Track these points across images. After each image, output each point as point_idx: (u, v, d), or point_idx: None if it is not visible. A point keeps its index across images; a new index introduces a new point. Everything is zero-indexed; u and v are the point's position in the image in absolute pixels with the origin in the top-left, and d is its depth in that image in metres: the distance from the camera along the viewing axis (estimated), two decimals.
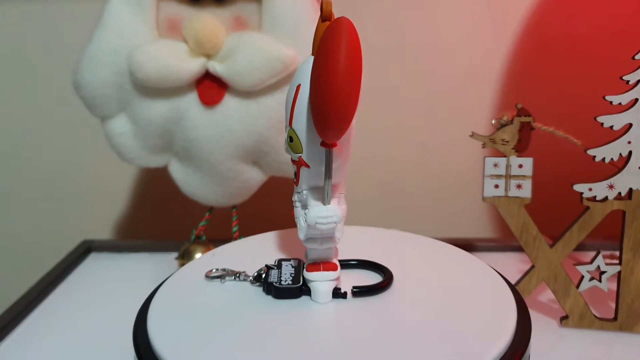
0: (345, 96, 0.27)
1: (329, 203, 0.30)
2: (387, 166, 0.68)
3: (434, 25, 0.65)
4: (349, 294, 0.33)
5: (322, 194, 0.30)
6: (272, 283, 0.33)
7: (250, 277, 0.35)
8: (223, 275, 0.36)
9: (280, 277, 0.34)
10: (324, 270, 0.32)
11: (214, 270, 0.36)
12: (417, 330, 0.30)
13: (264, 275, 0.34)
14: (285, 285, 0.33)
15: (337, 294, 0.33)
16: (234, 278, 0.35)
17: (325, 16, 0.29)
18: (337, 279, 0.33)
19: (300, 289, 0.33)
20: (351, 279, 0.34)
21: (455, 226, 0.69)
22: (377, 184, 0.68)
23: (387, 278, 0.34)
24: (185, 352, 0.29)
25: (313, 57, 0.29)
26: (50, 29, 0.66)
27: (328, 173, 0.30)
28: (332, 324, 0.31)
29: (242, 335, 0.30)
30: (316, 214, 0.30)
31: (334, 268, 0.32)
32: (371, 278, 0.35)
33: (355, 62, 0.27)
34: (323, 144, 0.29)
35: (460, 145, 0.65)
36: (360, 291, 0.33)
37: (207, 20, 0.46)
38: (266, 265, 0.35)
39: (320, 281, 0.32)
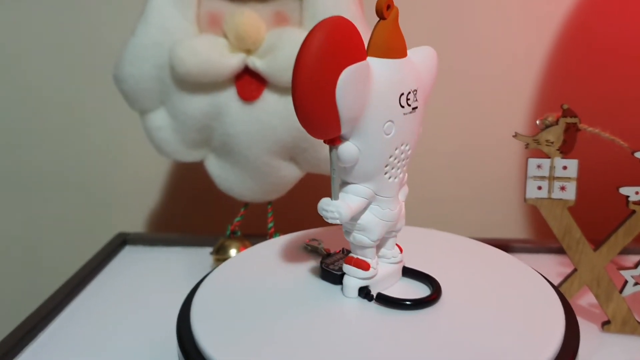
0: (306, 96, 0.27)
1: (335, 199, 0.30)
2: (425, 164, 0.67)
3: (476, 24, 0.64)
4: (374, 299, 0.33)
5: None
6: (321, 264, 0.35)
7: (324, 254, 0.37)
8: (314, 246, 0.39)
9: (337, 261, 0.35)
10: (354, 265, 0.33)
11: (312, 240, 0.39)
12: (461, 339, 0.29)
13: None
14: (329, 269, 0.34)
15: (363, 293, 0.33)
16: (317, 251, 0.38)
17: (377, 14, 0.29)
18: (369, 278, 0.33)
19: (340, 277, 0.34)
20: (409, 287, 0.34)
21: (491, 227, 0.68)
22: (415, 183, 0.67)
23: (430, 295, 0.33)
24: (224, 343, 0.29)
25: None
26: (93, 21, 0.67)
27: (331, 169, 0.30)
28: (344, 320, 0.31)
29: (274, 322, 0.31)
30: (321, 205, 0.30)
31: (365, 267, 0.32)
32: (421, 290, 0.34)
33: (322, 61, 0.26)
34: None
35: (502, 145, 0.64)
36: (383, 300, 0.32)
37: (248, 16, 0.46)
38: (342, 249, 0.36)
39: (348, 275, 0.33)
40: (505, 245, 0.57)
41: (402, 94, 0.30)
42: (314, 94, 0.27)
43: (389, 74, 0.29)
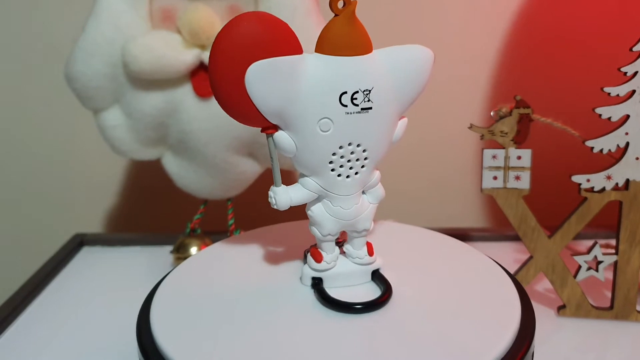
0: (219, 86, 0.28)
1: (277, 185, 0.31)
2: (385, 157, 0.68)
3: (430, 19, 0.64)
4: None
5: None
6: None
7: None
8: None
9: None
10: (311, 255, 0.33)
11: None
12: (419, 328, 0.30)
13: None
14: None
15: (313, 284, 0.33)
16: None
17: (330, 9, 0.29)
18: (320, 270, 0.33)
19: None
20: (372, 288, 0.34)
21: (451, 217, 0.69)
22: None
23: (378, 299, 0.32)
24: (187, 344, 0.29)
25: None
26: (41, 19, 0.65)
27: (270, 156, 0.31)
28: (295, 320, 0.31)
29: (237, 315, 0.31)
30: (270, 189, 0.31)
31: (318, 259, 0.33)
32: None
33: (230, 54, 0.28)
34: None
35: (457, 137, 0.65)
36: (320, 295, 0.32)
37: (202, 11, 0.45)
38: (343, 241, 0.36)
39: (306, 264, 0.34)
40: (464, 235, 0.58)
41: (345, 92, 0.29)
42: (225, 84, 0.28)
43: (327, 71, 0.29)
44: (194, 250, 0.52)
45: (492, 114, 0.43)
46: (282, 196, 0.31)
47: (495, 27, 0.64)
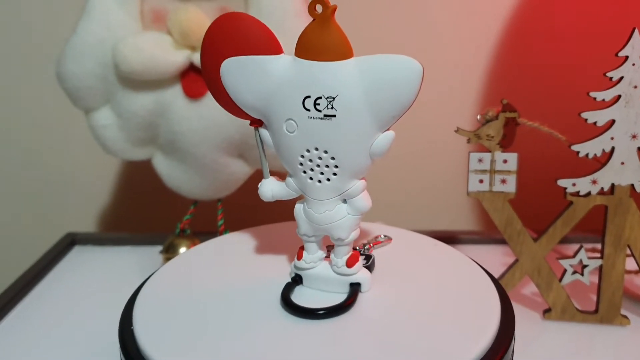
0: (205, 78, 0.32)
1: (265, 178, 0.34)
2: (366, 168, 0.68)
3: (419, 23, 0.65)
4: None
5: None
6: None
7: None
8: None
9: None
10: (297, 251, 0.34)
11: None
12: (390, 332, 0.30)
13: None
14: None
15: (293, 278, 0.34)
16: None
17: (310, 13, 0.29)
18: (299, 269, 0.34)
19: None
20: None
21: (439, 219, 0.69)
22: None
23: (342, 303, 0.32)
24: (169, 346, 0.29)
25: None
26: (32, 19, 0.65)
27: (259, 151, 0.33)
28: (271, 305, 0.32)
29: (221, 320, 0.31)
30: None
31: (298, 257, 0.34)
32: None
33: (209, 50, 0.31)
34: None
35: (445, 140, 0.65)
36: (283, 297, 0.32)
37: (193, 12, 0.46)
38: (364, 246, 0.39)
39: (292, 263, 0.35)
40: (452, 237, 0.58)
41: (308, 96, 0.29)
42: (210, 78, 0.31)
43: (293, 73, 0.29)
44: (183, 250, 0.52)
45: (478, 117, 0.43)
46: (265, 187, 0.33)
47: (484, 34, 0.65)
